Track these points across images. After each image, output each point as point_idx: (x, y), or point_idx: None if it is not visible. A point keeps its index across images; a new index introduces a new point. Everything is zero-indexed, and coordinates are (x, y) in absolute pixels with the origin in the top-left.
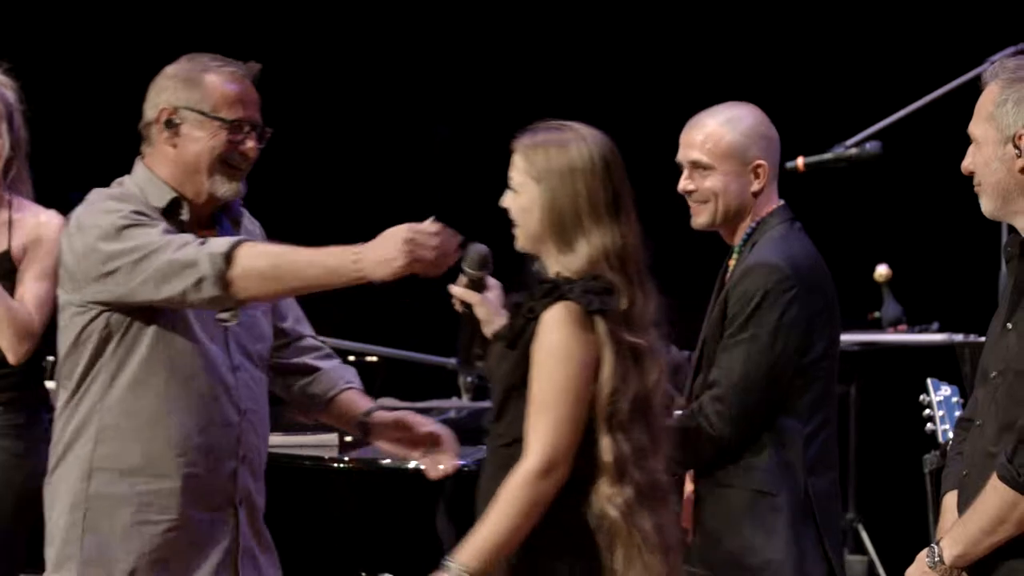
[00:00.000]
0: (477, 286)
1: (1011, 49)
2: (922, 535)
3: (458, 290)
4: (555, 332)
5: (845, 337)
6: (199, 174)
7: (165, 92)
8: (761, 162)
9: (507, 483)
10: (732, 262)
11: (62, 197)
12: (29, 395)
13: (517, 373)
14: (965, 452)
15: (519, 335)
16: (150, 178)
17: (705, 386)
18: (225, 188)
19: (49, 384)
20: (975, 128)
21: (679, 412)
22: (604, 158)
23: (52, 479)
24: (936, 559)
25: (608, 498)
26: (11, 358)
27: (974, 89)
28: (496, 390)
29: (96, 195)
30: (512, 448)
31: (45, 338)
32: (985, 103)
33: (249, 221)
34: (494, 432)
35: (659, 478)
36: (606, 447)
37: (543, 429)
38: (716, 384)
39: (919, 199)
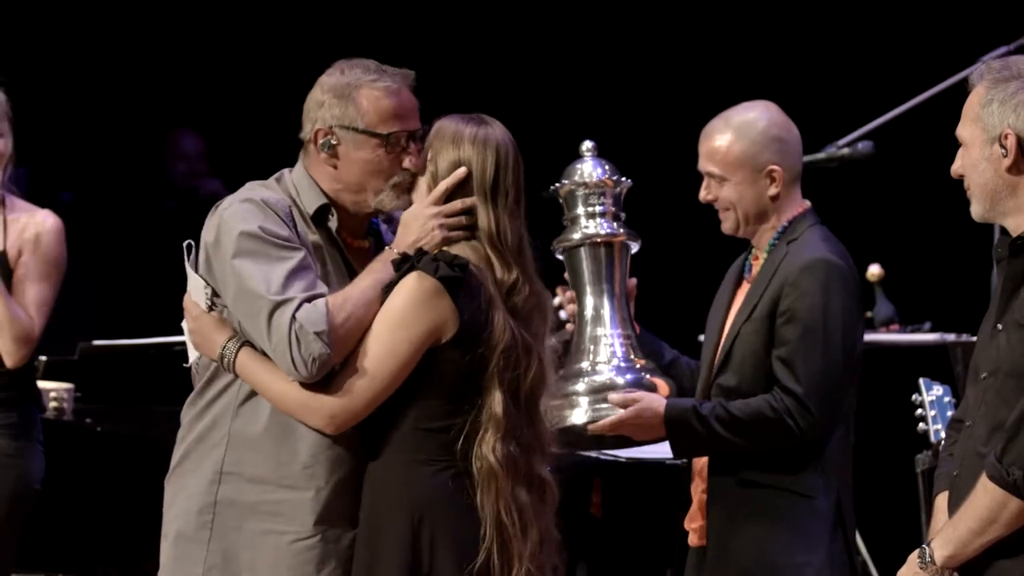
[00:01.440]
0: None
1: (1002, 49)
2: (914, 535)
3: None
4: (396, 297)
5: None
6: (364, 192)
7: (320, 109)
8: (774, 167)
9: (305, 394)
10: (757, 259)
11: (53, 197)
12: (21, 394)
13: None
14: (956, 452)
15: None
16: (308, 183)
17: (782, 388)
18: (394, 203)
19: (41, 384)
20: (962, 130)
21: (762, 396)
22: (495, 150)
23: (175, 475)
24: (927, 560)
25: (492, 447)
26: (9, 362)
27: (965, 89)
28: None
29: (246, 191)
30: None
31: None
32: (972, 104)
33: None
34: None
35: (540, 471)
36: (496, 400)
37: (347, 380)
38: (799, 384)
39: (911, 199)
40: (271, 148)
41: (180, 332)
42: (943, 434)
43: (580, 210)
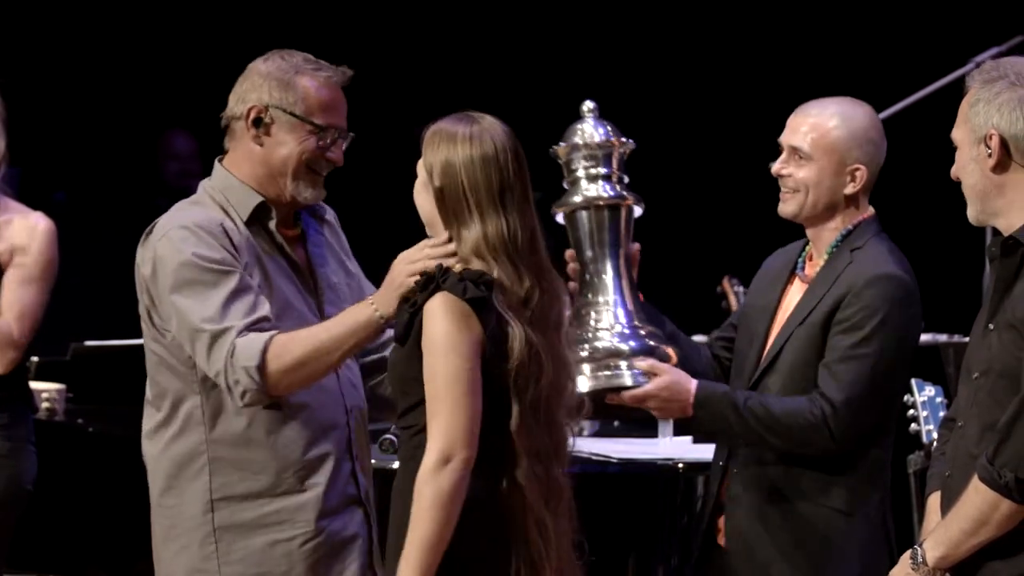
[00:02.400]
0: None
1: (994, 49)
2: (906, 535)
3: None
4: (434, 323)
5: None
6: (283, 177)
7: (257, 90)
8: (860, 167)
9: (416, 485)
10: (815, 259)
11: (46, 197)
12: (13, 395)
13: (411, 367)
14: (948, 453)
15: (407, 330)
16: (233, 184)
17: (823, 395)
18: (308, 193)
19: (33, 384)
20: (955, 133)
21: (800, 398)
22: (493, 150)
23: (161, 510)
24: (919, 560)
25: (515, 464)
26: None
27: (958, 90)
28: (394, 388)
29: (177, 216)
30: (420, 436)
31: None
32: (963, 106)
33: (330, 214)
34: (400, 425)
35: (558, 479)
36: (515, 417)
37: (436, 423)
38: (841, 392)
39: (903, 199)
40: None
41: None
42: (935, 434)
43: (581, 172)
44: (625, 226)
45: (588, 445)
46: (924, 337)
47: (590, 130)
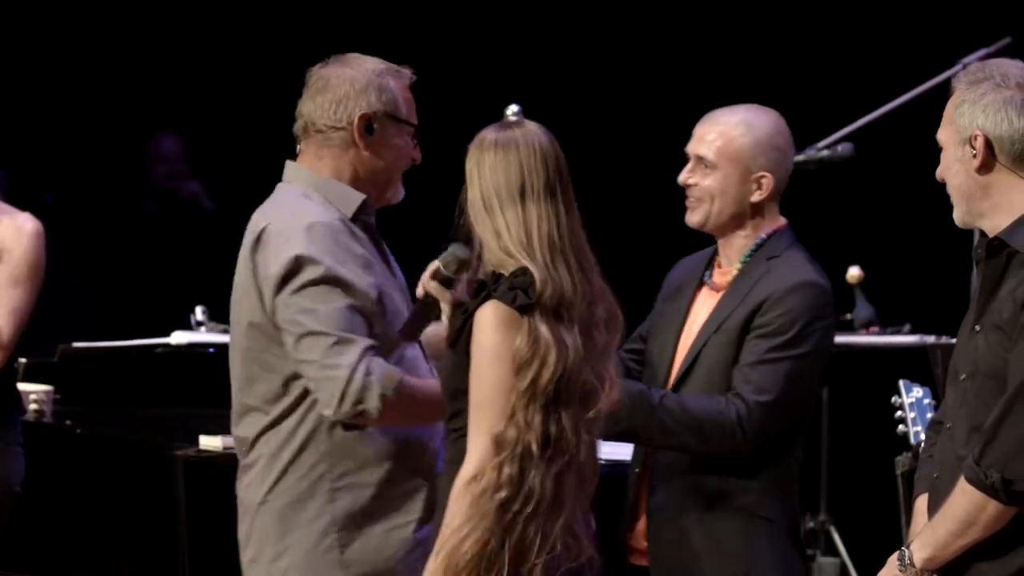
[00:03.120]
0: (447, 283)
1: (982, 51)
2: (894, 537)
3: (431, 285)
4: (485, 332)
5: None
6: (389, 180)
7: (357, 97)
8: (766, 174)
9: (451, 496)
10: (725, 268)
11: (34, 199)
12: (0, 397)
13: (460, 372)
14: (936, 455)
15: (458, 334)
16: (329, 182)
17: (738, 395)
18: (400, 193)
19: (21, 386)
20: (941, 133)
21: (716, 397)
22: (538, 147)
23: (271, 499)
24: (906, 562)
25: (542, 472)
26: None
27: (946, 91)
28: (444, 389)
29: (299, 216)
30: (465, 440)
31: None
32: (948, 107)
33: None
34: (448, 427)
35: (574, 476)
36: (536, 423)
37: (477, 432)
38: (756, 394)
39: (891, 201)
40: (251, 150)
41: (161, 334)
42: (923, 436)
43: None
44: None
45: None
46: (912, 339)
47: None
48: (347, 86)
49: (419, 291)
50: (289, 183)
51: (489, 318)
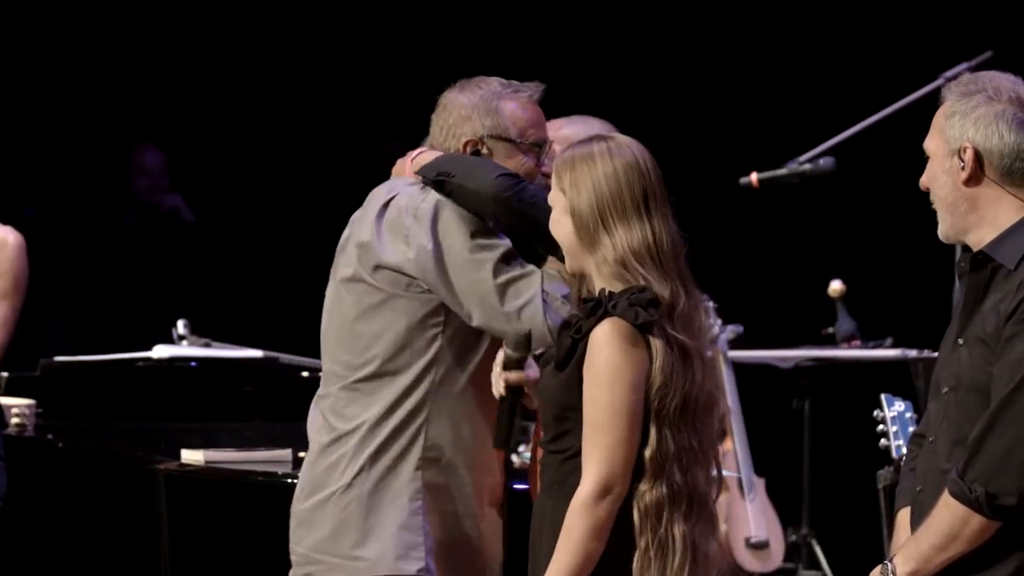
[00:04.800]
0: (520, 365)
1: (963, 65)
2: (876, 551)
3: (509, 377)
4: (604, 351)
5: (799, 352)
6: None
7: (467, 122)
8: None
9: (570, 510)
10: None
11: (15, 213)
12: None
13: (570, 394)
14: (918, 468)
15: (568, 355)
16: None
17: None
18: None
19: (3, 400)
20: (928, 143)
21: None
22: (633, 159)
23: (362, 477)
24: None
25: (640, 495)
26: None
27: (927, 105)
28: (547, 411)
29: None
30: (575, 460)
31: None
32: (938, 117)
33: None
34: (550, 449)
35: (701, 487)
36: (650, 443)
37: (597, 453)
38: None
39: (873, 215)
40: (232, 164)
41: (143, 347)
42: (905, 449)
43: None
44: None
45: None
46: (894, 352)
47: None
48: (457, 112)
49: (495, 391)
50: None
51: (609, 336)
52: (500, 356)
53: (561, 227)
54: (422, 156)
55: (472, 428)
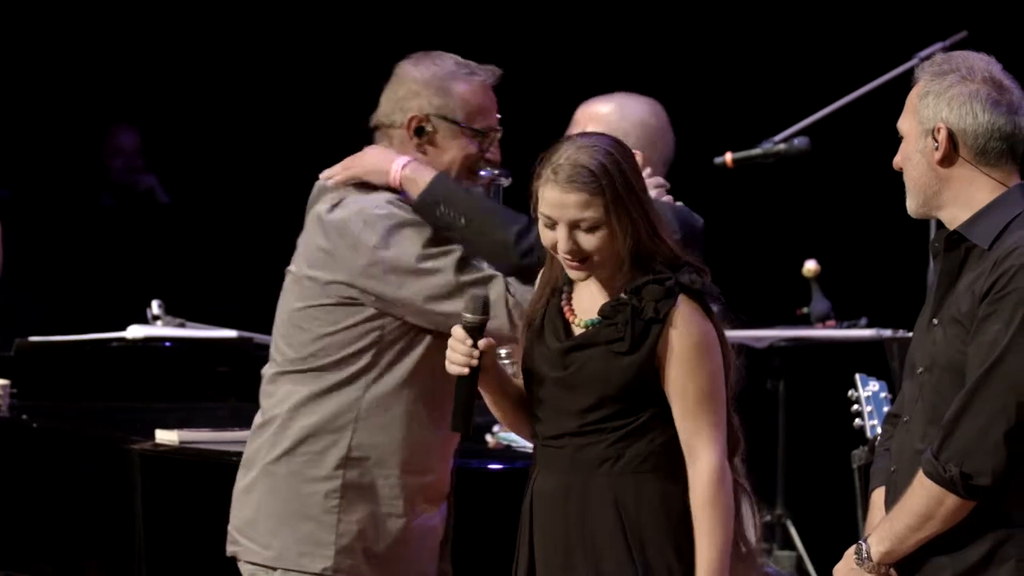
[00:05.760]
0: (478, 332)
1: (938, 45)
2: (850, 530)
3: (480, 341)
4: (691, 329)
5: (773, 332)
6: None
7: (416, 97)
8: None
9: (701, 494)
10: None
11: None
12: None
13: (641, 374)
14: (893, 448)
15: (642, 337)
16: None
17: None
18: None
19: None
20: (902, 123)
21: None
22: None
23: (283, 462)
24: (864, 556)
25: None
26: None
27: (902, 85)
28: (600, 394)
29: (376, 206)
30: (637, 434)
31: None
32: (911, 97)
33: None
34: (596, 428)
35: (738, 469)
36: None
37: (708, 428)
38: None
39: (847, 195)
40: (207, 144)
41: (117, 328)
42: (879, 429)
43: None
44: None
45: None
46: (869, 332)
47: None
48: (408, 86)
49: (454, 370)
50: None
51: (692, 314)
52: (457, 330)
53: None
54: (377, 156)
55: (408, 431)
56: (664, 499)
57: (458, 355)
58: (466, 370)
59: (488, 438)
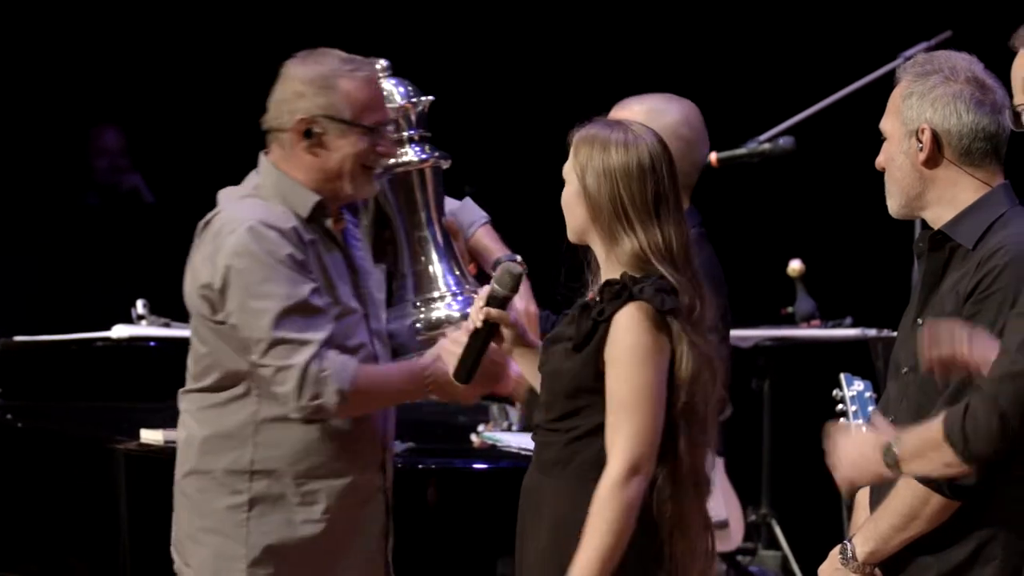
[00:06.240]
0: (502, 304)
1: (922, 45)
2: (835, 530)
3: (489, 313)
4: (630, 334)
5: (758, 332)
6: (341, 180)
7: (301, 100)
8: None
9: (598, 492)
10: None
11: None
12: None
13: (586, 374)
14: None
15: (588, 336)
16: (290, 184)
17: None
18: (367, 189)
19: None
20: (885, 123)
21: None
22: (644, 161)
23: (191, 479)
24: (849, 556)
25: (658, 491)
26: None
27: (887, 84)
28: (556, 391)
29: (243, 211)
30: (582, 440)
31: None
32: (894, 97)
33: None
34: (553, 428)
35: (705, 471)
36: (681, 441)
37: (625, 434)
38: None
39: (832, 194)
40: (191, 143)
41: (102, 327)
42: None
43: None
44: (435, 186)
45: (516, 441)
46: (853, 332)
47: (389, 89)
48: (292, 87)
49: (470, 324)
50: (256, 174)
51: (636, 319)
52: (485, 290)
53: (570, 208)
54: None
55: (308, 438)
56: None
57: (473, 311)
58: (472, 326)
59: (473, 438)
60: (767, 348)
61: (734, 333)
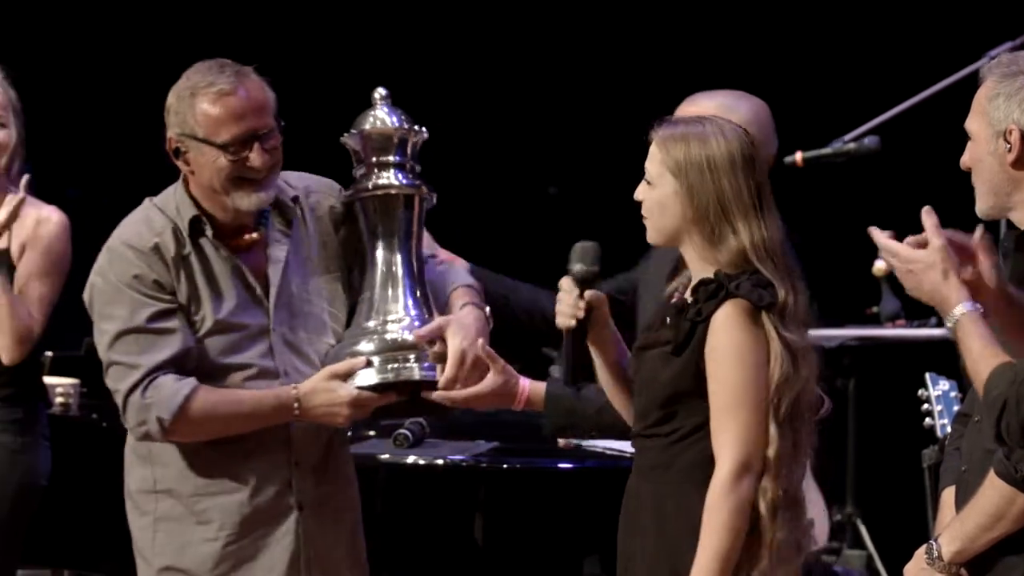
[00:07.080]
0: (586, 284)
1: (1008, 44)
2: (921, 530)
3: (588, 293)
4: (730, 333)
5: (843, 332)
6: (218, 195)
7: (168, 117)
8: None
9: (710, 497)
10: None
11: (60, 193)
12: (27, 390)
13: (685, 378)
14: (963, 448)
15: (687, 339)
16: (181, 196)
17: None
18: (247, 201)
19: (47, 379)
20: (970, 123)
21: None
22: (743, 152)
23: (127, 500)
24: (934, 555)
25: (762, 492)
26: (5, 359)
27: (972, 84)
28: (655, 396)
29: (120, 229)
30: (683, 442)
31: (44, 332)
32: (979, 98)
33: (310, 203)
34: (652, 433)
35: (798, 490)
36: (771, 441)
37: (732, 433)
38: None
39: (917, 194)
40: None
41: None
42: (949, 429)
43: (373, 160)
44: (417, 216)
45: (601, 442)
46: (938, 331)
47: (383, 117)
48: (167, 106)
49: (565, 322)
50: (169, 189)
51: (734, 317)
52: (564, 281)
53: (664, 209)
54: None
55: (197, 456)
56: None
57: (564, 306)
58: (573, 322)
59: (560, 441)
60: (852, 348)
61: (819, 333)
